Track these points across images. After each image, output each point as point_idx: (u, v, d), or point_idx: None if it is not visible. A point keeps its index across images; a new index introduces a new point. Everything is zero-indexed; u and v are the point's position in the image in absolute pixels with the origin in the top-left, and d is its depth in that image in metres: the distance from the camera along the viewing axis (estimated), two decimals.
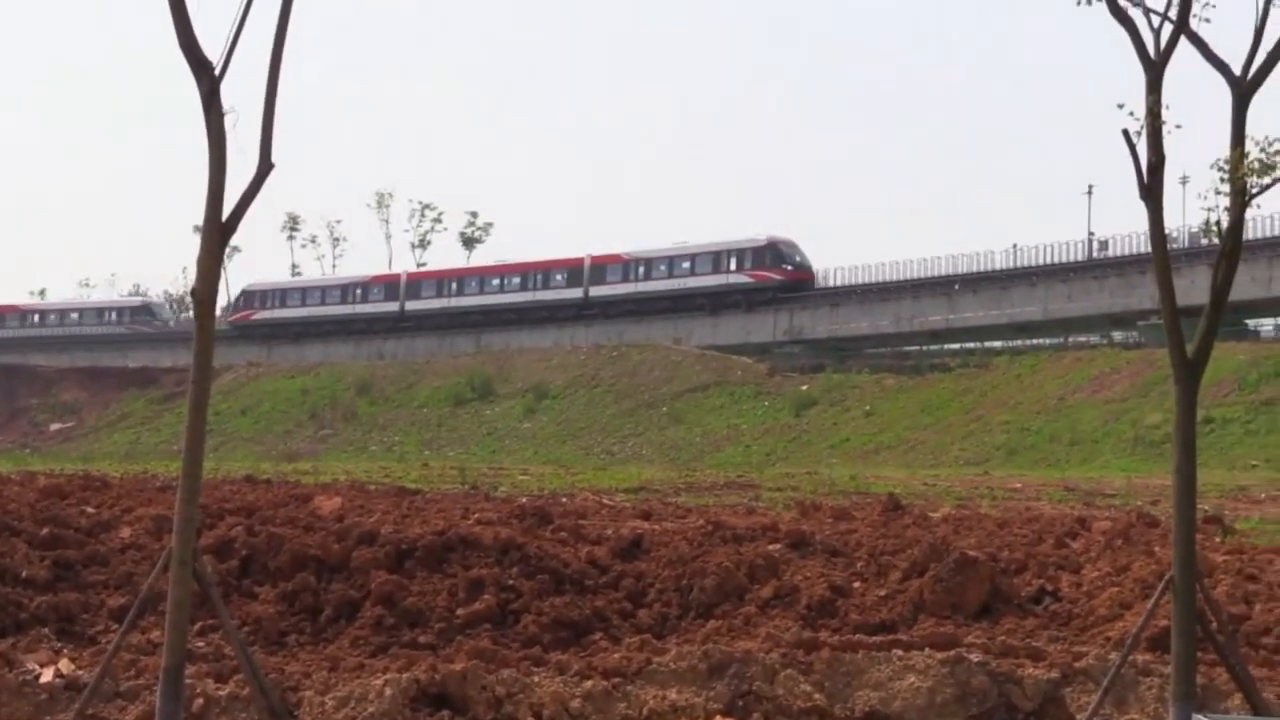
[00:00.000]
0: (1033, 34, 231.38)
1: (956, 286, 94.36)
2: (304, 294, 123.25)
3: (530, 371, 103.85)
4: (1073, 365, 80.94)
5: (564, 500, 31.62)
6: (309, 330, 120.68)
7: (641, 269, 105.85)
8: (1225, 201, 13.26)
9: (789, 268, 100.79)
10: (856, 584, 18.47)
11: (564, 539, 19.95)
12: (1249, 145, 12.94)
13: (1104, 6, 13.38)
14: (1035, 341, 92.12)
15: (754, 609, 17.55)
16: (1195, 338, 13.30)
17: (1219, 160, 13.07)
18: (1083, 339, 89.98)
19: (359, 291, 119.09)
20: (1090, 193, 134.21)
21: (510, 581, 17.42)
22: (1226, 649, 13.88)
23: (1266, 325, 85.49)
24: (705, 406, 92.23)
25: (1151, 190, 13.46)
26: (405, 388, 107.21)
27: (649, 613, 17.68)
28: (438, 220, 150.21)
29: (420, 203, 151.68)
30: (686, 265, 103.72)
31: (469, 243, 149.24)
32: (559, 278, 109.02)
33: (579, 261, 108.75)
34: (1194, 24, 13.29)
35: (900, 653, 15.00)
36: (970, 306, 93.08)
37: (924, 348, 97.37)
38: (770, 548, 19.75)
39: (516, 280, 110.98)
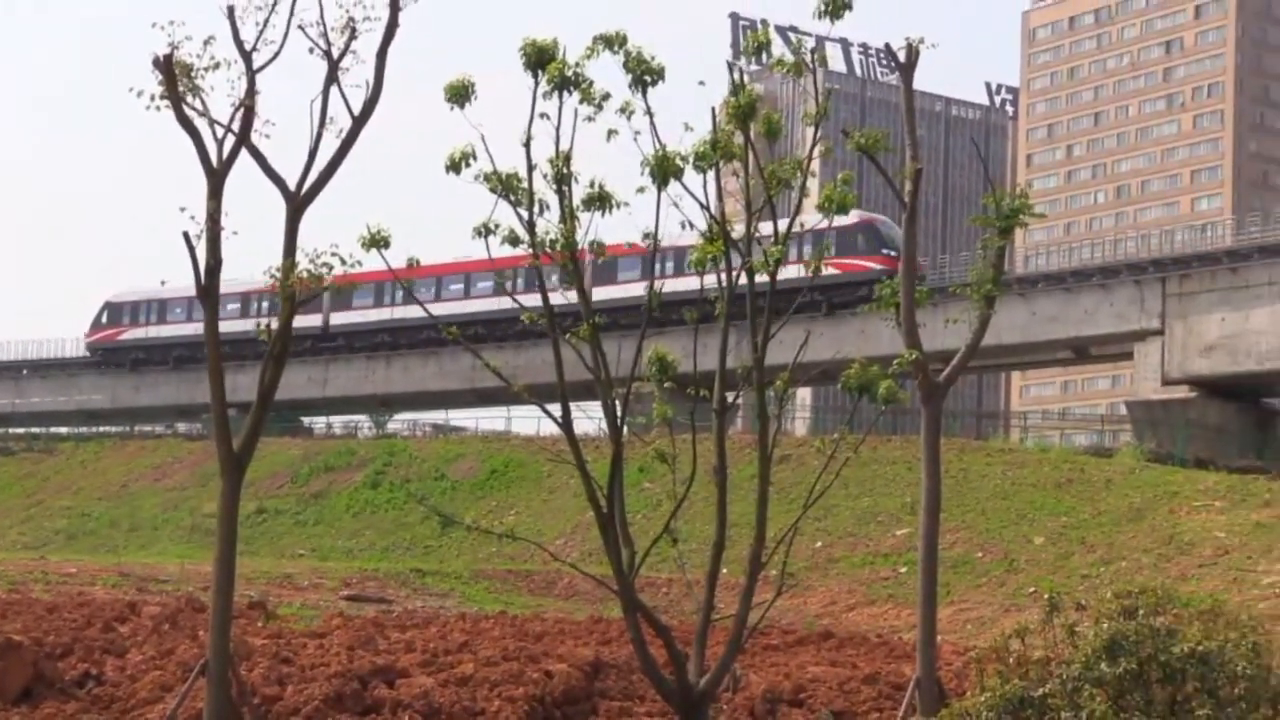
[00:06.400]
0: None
1: (25, 372, 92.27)
2: (189, 306, 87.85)
3: None
4: (137, 453, 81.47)
5: None
6: (195, 352, 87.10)
7: (671, 263, 66.46)
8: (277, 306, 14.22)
9: (892, 254, 69.63)
10: None
11: None
12: (300, 256, 13.94)
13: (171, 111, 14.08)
14: (102, 429, 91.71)
15: None
16: (241, 433, 14.14)
17: (271, 268, 14.01)
18: (149, 428, 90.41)
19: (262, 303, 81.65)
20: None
21: None
22: None
23: (319, 423, 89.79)
24: None
25: (209, 291, 14.23)
26: None
27: None
28: None
29: None
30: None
31: None
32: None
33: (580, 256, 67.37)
34: (256, 139, 14.21)
35: None
36: (39, 392, 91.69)
37: None
38: None
39: (488, 283, 79.11)
